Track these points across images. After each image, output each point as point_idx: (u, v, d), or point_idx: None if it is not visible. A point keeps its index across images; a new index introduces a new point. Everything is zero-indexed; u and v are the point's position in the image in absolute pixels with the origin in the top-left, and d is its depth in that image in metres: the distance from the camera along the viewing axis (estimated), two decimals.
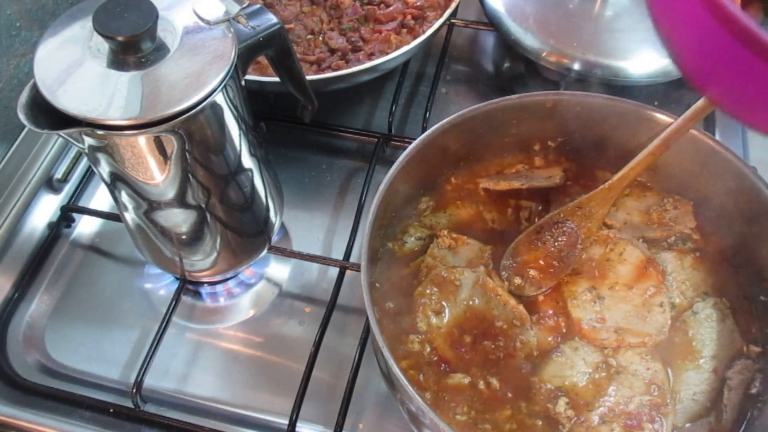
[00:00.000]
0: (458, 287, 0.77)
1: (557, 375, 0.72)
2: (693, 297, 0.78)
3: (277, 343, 0.87)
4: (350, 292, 0.88)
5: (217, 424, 0.80)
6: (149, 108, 0.60)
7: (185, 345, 0.88)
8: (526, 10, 1.03)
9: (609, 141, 0.83)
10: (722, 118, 1.03)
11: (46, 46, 0.63)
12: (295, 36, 1.02)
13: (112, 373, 0.86)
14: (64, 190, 1.02)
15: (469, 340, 0.74)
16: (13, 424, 0.82)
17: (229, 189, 0.76)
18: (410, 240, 0.83)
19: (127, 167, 0.66)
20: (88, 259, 0.96)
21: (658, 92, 1.06)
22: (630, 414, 0.69)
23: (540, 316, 0.77)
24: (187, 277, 0.87)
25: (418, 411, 0.64)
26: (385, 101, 1.10)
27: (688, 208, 0.82)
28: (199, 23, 0.64)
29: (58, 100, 0.59)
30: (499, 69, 1.17)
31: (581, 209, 0.80)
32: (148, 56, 0.61)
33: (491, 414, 0.70)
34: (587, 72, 0.99)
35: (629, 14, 1.02)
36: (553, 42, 1.00)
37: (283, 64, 0.76)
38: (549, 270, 0.79)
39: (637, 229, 0.82)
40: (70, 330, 0.90)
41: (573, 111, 0.82)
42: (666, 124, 0.76)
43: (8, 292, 0.92)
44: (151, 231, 0.77)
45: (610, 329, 0.75)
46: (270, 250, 0.88)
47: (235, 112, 0.69)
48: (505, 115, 0.82)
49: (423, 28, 1.02)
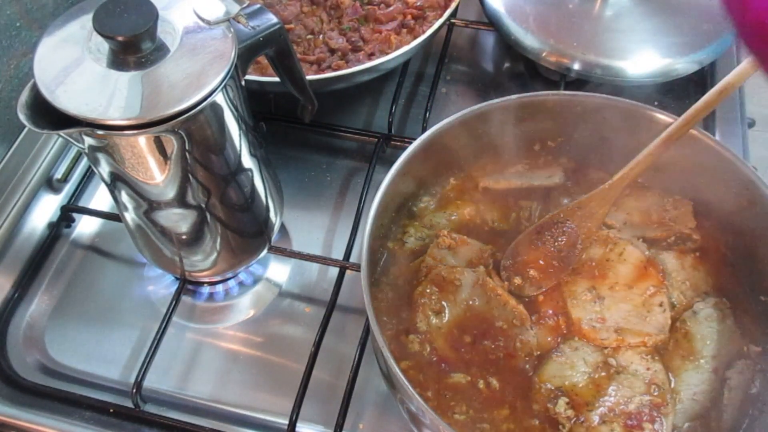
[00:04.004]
0: (458, 287, 0.77)
1: (557, 375, 0.72)
2: (693, 297, 0.78)
3: (277, 343, 0.87)
4: (350, 292, 0.88)
5: (217, 424, 0.80)
6: (149, 108, 0.60)
7: (185, 345, 0.88)
8: (526, 10, 1.03)
9: (609, 141, 0.83)
10: (722, 118, 1.03)
11: (46, 46, 0.63)
12: (295, 36, 1.02)
13: (112, 373, 0.86)
14: (64, 190, 1.02)
15: (469, 340, 0.74)
16: (13, 424, 0.82)
17: (229, 189, 0.76)
18: (410, 240, 0.83)
19: (127, 167, 0.66)
20: (88, 259, 0.96)
21: (658, 92, 1.06)
22: (630, 414, 0.69)
23: (540, 316, 0.77)
24: (187, 277, 0.87)
25: (418, 411, 0.64)
26: (385, 101, 1.10)
27: (688, 208, 0.82)
28: (199, 23, 0.64)
29: (58, 100, 0.59)
30: (499, 69, 1.17)
31: (581, 209, 0.80)
32: (148, 56, 0.61)
33: (489, 413, 0.70)
34: (587, 72, 0.99)
35: (629, 14, 1.02)
36: (553, 42, 1.00)
37: (283, 64, 0.76)
38: (549, 270, 0.79)
39: (637, 229, 0.82)
40: (70, 330, 0.90)
41: (573, 111, 0.82)
42: (666, 124, 0.76)
43: (8, 292, 0.92)
44: (151, 231, 0.77)
45: (610, 329, 0.75)
46: (270, 250, 0.88)
47: (235, 112, 0.69)
48: (505, 115, 0.82)
49: (423, 28, 1.02)
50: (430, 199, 0.86)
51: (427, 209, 0.85)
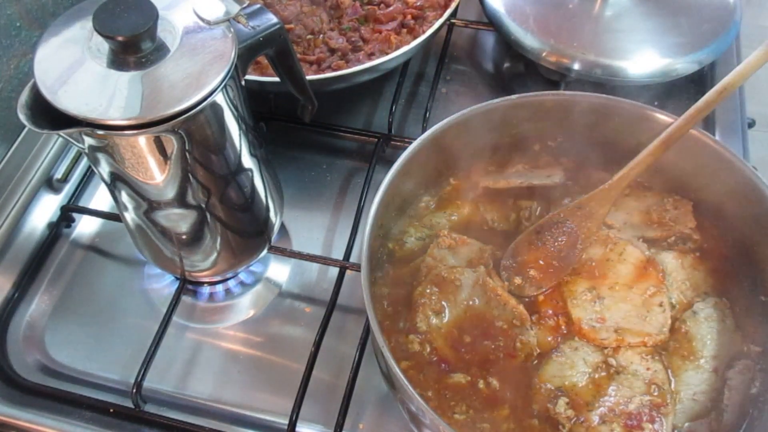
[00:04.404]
0: (458, 287, 0.77)
1: (557, 375, 0.72)
2: (693, 297, 0.78)
3: (277, 343, 0.87)
4: (350, 292, 0.88)
5: (217, 424, 0.80)
6: (149, 108, 0.60)
7: (185, 345, 0.88)
8: (526, 10, 1.03)
9: (609, 141, 0.83)
10: (722, 118, 1.03)
11: (46, 46, 0.63)
12: (295, 36, 1.02)
13: (112, 373, 0.86)
14: (64, 190, 1.02)
15: (469, 340, 0.74)
16: (13, 424, 0.82)
17: (229, 189, 0.76)
18: (410, 240, 0.83)
19: (127, 167, 0.66)
20: (88, 259, 0.96)
21: (658, 92, 1.06)
22: (630, 414, 0.69)
23: (540, 316, 0.77)
24: (187, 277, 0.87)
25: (418, 411, 0.64)
26: (385, 101, 1.10)
27: (688, 208, 0.82)
28: (199, 23, 0.64)
29: (58, 100, 0.59)
30: (499, 69, 1.17)
31: (581, 209, 0.80)
32: (148, 56, 0.61)
33: (489, 413, 0.70)
34: (587, 72, 0.99)
35: (629, 14, 1.02)
36: (553, 42, 1.00)
37: (283, 64, 0.76)
38: (549, 270, 0.79)
39: (637, 229, 0.82)
40: (70, 330, 0.90)
41: (573, 111, 0.82)
42: (666, 124, 0.76)
43: (8, 292, 0.92)
44: (151, 231, 0.77)
45: (610, 329, 0.75)
46: (270, 250, 0.88)
47: (235, 112, 0.69)
48: (505, 115, 0.82)
49: (423, 28, 1.02)
50: (430, 199, 0.86)
51: (427, 209, 0.85)
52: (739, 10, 1.04)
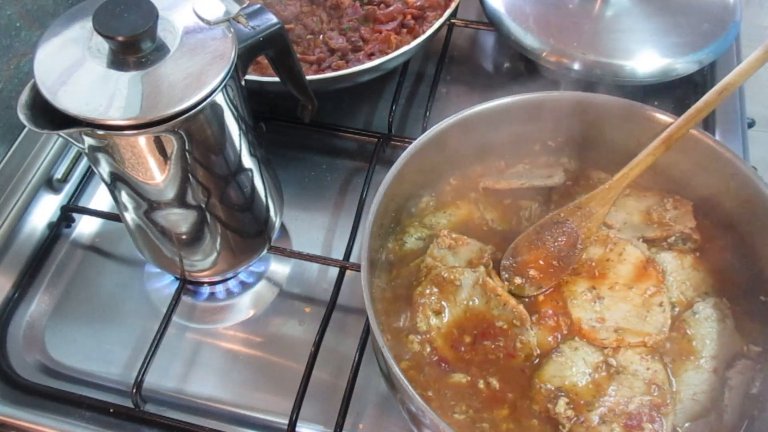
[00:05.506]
0: (458, 287, 0.77)
1: (557, 375, 0.72)
2: (693, 297, 0.78)
3: (277, 343, 0.87)
4: (350, 292, 0.88)
5: (217, 424, 0.80)
6: (149, 108, 0.60)
7: (185, 345, 0.88)
8: (526, 10, 1.03)
9: (609, 141, 0.83)
10: (722, 118, 1.03)
11: (46, 46, 0.63)
12: (295, 36, 1.03)
13: (112, 373, 0.86)
14: (64, 190, 1.02)
15: (469, 340, 0.74)
16: (13, 424, 0.82)
17: (229, 189, 0.76)
18: (410, 240, 0.83)
19: (127, 167, 0.66)
20: (88, 259, 0.96)
21: (658, 92, 1.06)
22: (630, 414, 0.69)
23: (540, 316, 0.76)
24: (187, 277, 0.87)
25: (418, 411, 0.64)
26: (385, 101, 1.10)
27: (688, 208, 0.82)
28: (199, 23, 0.64)
29: (59, 101, 0.59)
30: (499, 69, 1.17)
31: (581, 209, 0.80)
32: (148, 56, 0.61)
33: (489, 413, 0.70)
34: (587, 72, 0.99)
35: (629, 14, 1.02)
36: (553, 42, 1.00)
37: (283, 64, 0.76)
38: (549, 270, 0.79)
39: (637, 229, 0.82)
40: (70, 330, 0.90)
41: (573, 111, 0.82)
42: (666, 124, 0.76)
43: (8, 292, 0.92)
44: (151, 231, 0.77)
45: (610, 329, 0.75)
46: (270, 250, 0.88)
47: (235, 112, 0.69)
48: (505, 115, 0.82)
49: (423, 28, 1.02)
50: (430, 199, 0.86)
51: (427, 209, 0.85)
52: (739, 10, 1.04)
